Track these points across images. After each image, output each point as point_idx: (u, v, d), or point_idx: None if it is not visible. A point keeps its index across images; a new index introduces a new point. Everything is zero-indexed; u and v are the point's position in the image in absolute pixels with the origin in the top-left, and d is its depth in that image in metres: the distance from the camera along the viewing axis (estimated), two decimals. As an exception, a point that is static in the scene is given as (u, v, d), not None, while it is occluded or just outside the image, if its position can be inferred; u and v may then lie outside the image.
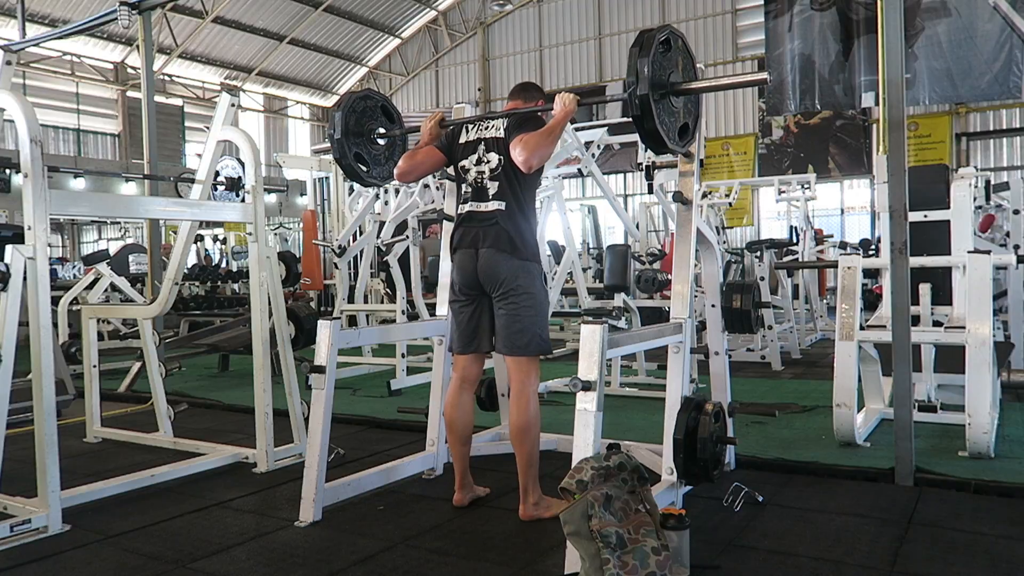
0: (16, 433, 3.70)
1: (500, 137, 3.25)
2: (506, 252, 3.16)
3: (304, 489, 3.24)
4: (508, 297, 3.18)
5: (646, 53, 2.77)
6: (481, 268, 3.20)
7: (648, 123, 2.82)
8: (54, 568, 2.80)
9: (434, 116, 3.48)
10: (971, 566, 2.61)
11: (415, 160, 3.40)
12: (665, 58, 2.87)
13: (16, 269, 3.06)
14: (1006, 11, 6.18)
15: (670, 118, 2.95)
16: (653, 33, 2.83)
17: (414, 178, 3.64)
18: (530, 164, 3.02)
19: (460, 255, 3.29)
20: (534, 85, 3.50)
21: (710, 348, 3.74)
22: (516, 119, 3.23)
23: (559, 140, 3.27)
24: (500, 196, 3.21)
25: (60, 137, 19.71)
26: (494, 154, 3.25)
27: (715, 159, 19.03)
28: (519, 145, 3.03)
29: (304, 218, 9.79)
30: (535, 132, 3.06)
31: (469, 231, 3.26)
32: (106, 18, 5.89)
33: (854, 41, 15.76)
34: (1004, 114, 16.79)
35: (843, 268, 4.24)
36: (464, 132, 3.39)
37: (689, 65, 3.07)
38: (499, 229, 3.18)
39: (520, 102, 3.38)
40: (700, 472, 3.07)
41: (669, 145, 2.93)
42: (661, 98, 2.86)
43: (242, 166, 4.61)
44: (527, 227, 3.24)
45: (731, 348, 5.95)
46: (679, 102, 3.02)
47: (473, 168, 3.29)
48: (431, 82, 24.13)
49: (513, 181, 3.21)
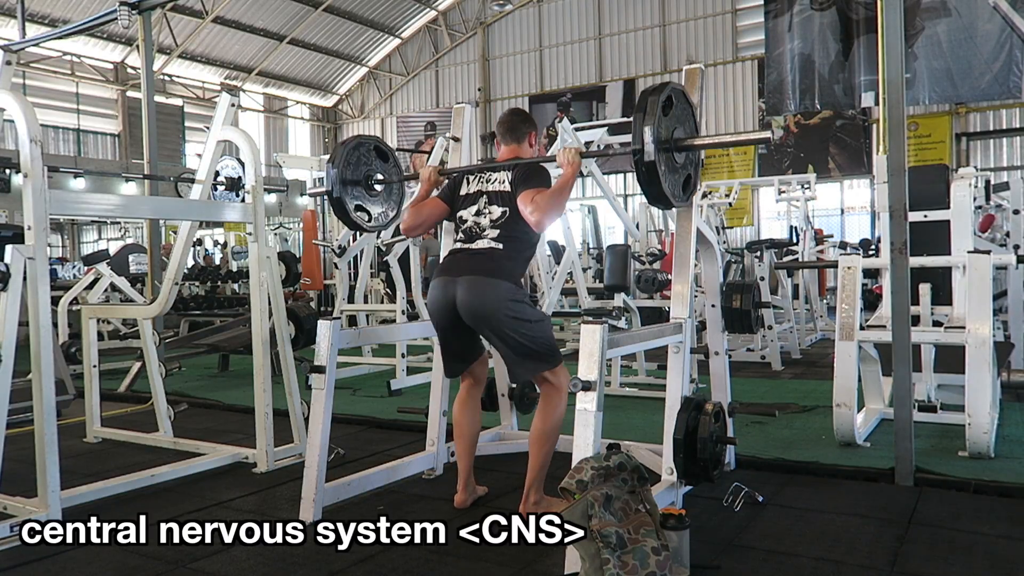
0: (16, 433, 3.69)
1: (506, 191, 3.21)
2: (490, 276, 3.07)
3: (304, 489, 3.24)
4: (502, 331, 3.09)
5: (651, 120, 2.71)
6: (462, 300, 3.09)
7: (655, 189, 2.81)
8: (54, 568, 2.81)
9: (432, 166, 3.49)
10: (971, 566, 2.62)
11: (422, 215, 3.40)
12: (667, 117, 2.84)
13: (16, 269, 3.06)
14: (1006, 11, 6.18)
15: (674, 175, 2.94)
16: (656, 97, 2.77)
17: (421, 232, 3.60)
18: (543, 225, 3.02)
19: (434, 284, 3.22)
20: (521, 116, 3.46)
21: (710, 348, 3.74)
22: (521, 172, 3.20)
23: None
24: (499, 240, 3.16)
25: (60, 137, 19.70)
26: (496, 207, 3.21)
27: (715, 159, 19.03)
28: (531, 204, 3.00)
29: (304, 218, 9.79)
30: (547, 192, 3.03)
31: (450, 263, 3.23)
32: (106, 18, 5.90)
33: (854, 41, 15.77)
34: (1004, 114, 16.78)
35: (843, 268, 4.24)
36: (465, 183, 3.37)
37: (690, 116, 3.04)
38: (485, 259, 3.12)
39: (515, 146, 3.36)
40: (700, 472, 3.07)
41: (675, 203, 2.92)
42: (667, 159, 2.85)
43: (242, 166, 4.61)
44: (517, 265, 3.18)
45: (731, 348, 5.93)
46: (682, 156, 3.00)
47: (471, 218, 3.26)
48: (431, 82, 24.13)
49: (517, 232, 3.17)
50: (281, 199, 17.45)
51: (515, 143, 3.37)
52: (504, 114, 3.47)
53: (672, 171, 2.91)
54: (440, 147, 7.30)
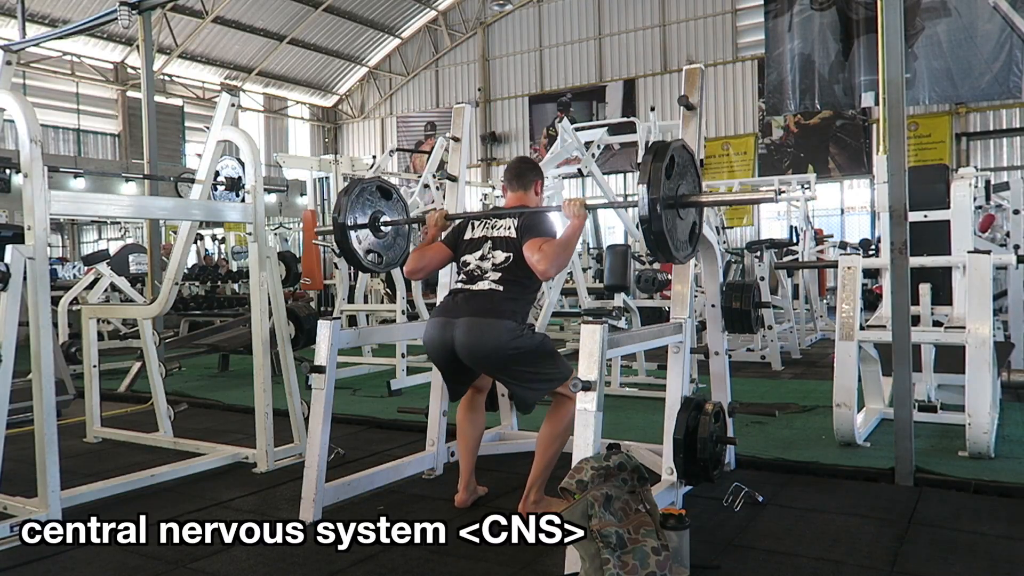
0: (16, 433, 3.69)
1: (512, 237, 3.22)
2: (490, 316, 3.06)
3: (304, 489, 3.24)
4: (507, 368, 3.10)
5: (656, 191, 2.69)
6: (461, 343, 3.09)
7: (664, 252, 2.82)
8: (54, 568, 2.81)
9: (438, 211, 3.52)
10: (971, 566, 2.62)
11: (425, 258, 3.41)
12: (671, 177, 2.84)
13: (16, 269, 3.06)
14: (1006, 11, 6.18)
15: (678, 231, 2.94)
16: (660, 163, 2.74)
17: (423, 276, 3.61)
18: (549, 274, 3.03)
19: (432, 323, 3.22)
20: (529, 165, 3.50)
21: (710, 348, 3.74)
22: (528, 220, 3.21)
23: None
24: (500, 283, 3.16)
25: (60, 137, 19.70)
26: (501, 252, 3.22)
27: (715, 159, 19.04)
28: (538, 253, 3.02)
29: (304, 218, 9.77)
30: (554, 243, 3.05)
31: (448, 303, 3.23)
32: (106, 18, 5.90)
33: (854, 41, 15.77)
34: (1004, 114, 16.78)
35: (843, 268, 4.24)
36: (470, 228, 3.38)
37: (693, 171, 3.05)
38: (484, 300, 3.12)
39: (521, 193, 3.39)
40: (700, 472, 3.07)
41: (678, 257, 2.93)
42: (671, 220, 2.86)
43: (242, 166, 4.61)
44: (519, 305, 3.17)
45: (731, 348, 5.93)
46: (686, 211, 3.01)
47: (474, 262, 3.26)
48: (431, 82, 24.13)
49: (519, 276, 3.17)
50: (281, 199, 17.45)
51: (521, 190, 3.40)
52: (512, 161, 3.52)
53: (675, 227, 2.93)
54: (440, 147, 7.32)
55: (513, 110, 22.62)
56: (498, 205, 12.15)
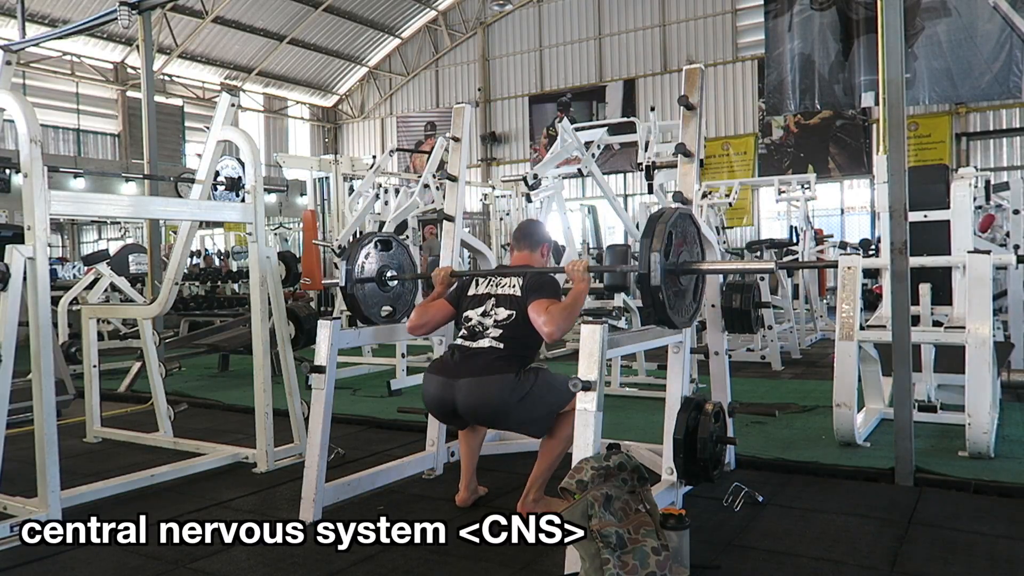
0: (16, 433, 3.69)
1: (516, 296, 3.23)
2: (490, 373, 3.06)
3: (304, 489, 3.24)
4: (517, 417, 3.11)
5: (658, 248, 2.71)
6: (465, 404, 3.11)
7: (664, 318, 2.84)
8: (54, 568, 2.81)
9: (445, 267, 3.56)
10: (971, 566, 2.62)
11: (427, 315, 3.43)
12: (672, 246, 2.86)
13: (16, 269, 3.06)
14: (1006, 11, 6.18)
15: (680, 299, 2.96)
16: (664, 228, 2.76)
17: (425, 333, 3.62)
18: (555, 337, 3.03)
19: (431, 379, 3.21)
20: (537, 227, 3.56)
21: (710, 348, 3.74)
22: (534, 280, 3.22)
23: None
24: (501, 340, 3.16)
25: (60, 137, 19.70)
26: (504, 309, 3.23)
27: (715, 159, 19.03)
28: (544, 314, 3.02)
29: (304, 218, 9.77)
30: (560, 306, 3.05)
31: (447, 361, 3.22)
32: (106, 18, 5.90)
33: (854, 41, 15.77)
34: (1004, 114, 16.78)
35: (843, 268, 4.24)
36: (474, 285, 3.40)
37: (695, 235, 3.06)
38: (483, 357, 3.11)
39: (527, 253, 3.43)
40: (700, 472, 3.07)
41: (678, 324, 2.94)
42: (674, 290, 2.89)
43: (242, 166, 4.61)
44: (518, 360, 3.16)
45: (731, 348, 5.91)
46: (687, 279, 3.02)
47: (476, 317, 3.27)
48: (431, 82, 24.14)
49: (520, 334, 3.17)
50: (281, 199, 17.45)
51: (528, 250, 3.45)
52: (523, 222, 3.60)
53: (677, 295, 2.94)
54: (440, 147, 7.31)
55: (513, 110, 22.62)
56: (498, 206, 12.17)
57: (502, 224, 12.03)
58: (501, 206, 12.16)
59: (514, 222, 12.03)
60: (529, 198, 6.20)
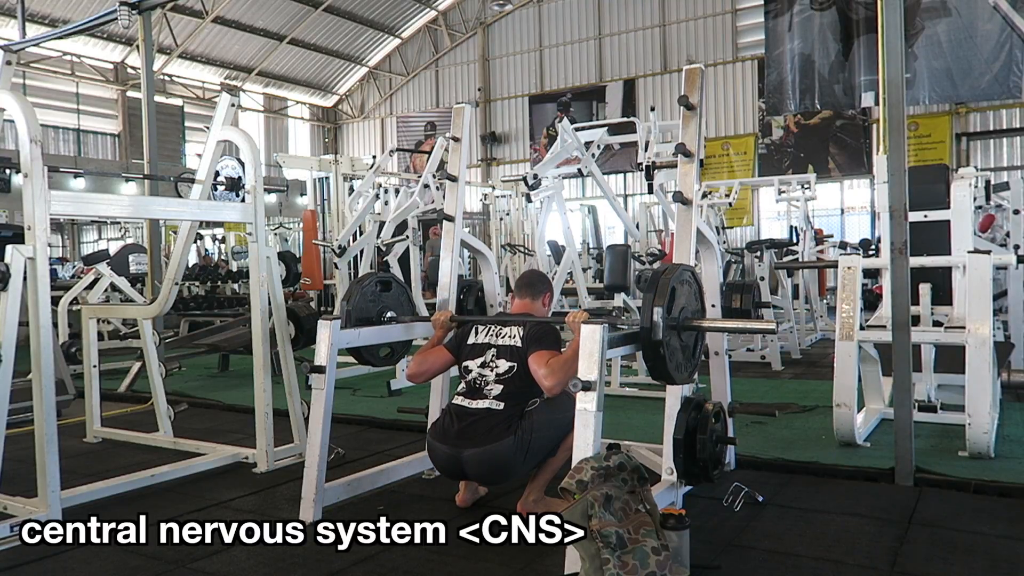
0: (16, 433, 3.69)
1: (517, 346, 3.23)
2: (494, 442, 3.05)
3: (304, 489, 3.24)
4: (528, 464, 3.12)
5: (661, 301, 2.74)
6: (476, 474, 3.15)
7: (662, 371, 2.88)
8: (54, 568, 2.81)
9: (445, 311, 3.57)
10: (971, 566, 2.62)
11: (426, 363, 3.45)
12: (674, 302, 2.88)
13: (16, 269, 3.06)
14: (1006, 11, 6.18)
15: (681, 354, 2.98)
16: (667, 283, 2.79)
17: (424, 380, 3.61)
18: (555, 391, 3.03)
19: (436, 446, 3.21)
20: (541, 277, 3.59)
21: (710, 348, 3.74)
22: (535, 331, 3.22)
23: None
24: (501, 398, 3.16)
25: (60, 137, 19.69)
26: (505, 361, 3.23)
27: (715, 159, 19.03)
28: (546, 367, 3.02)
29: (304, 218, 9.79)
30: (562, 359, 3.04)
31: (448, 426, 3.20)
32: (106, 18, 5.90)
33: (854, 41, 15.76)
34: (1004, 114, 16.78)
35: (843, 268, 4.24)
36: (474, 333, 3.40)
37: (696, 291, 3.08)
38: (484, 422, 3.11)
39: (528, 301, 3.45)
40: (700, 472, 3.07)
41: (677, 381, 2.96)
42: (677, 339, 2.93)
43: (242, 166, 4.61)
44: (518, 413, 3.15)
45: (731, 348, 5.92)
46: (688, 335, 3.03)
47: (476, 369, 3.27)
48: (431, 82, 24.13)
49: (520, 388, 3.17)
50: (281, 199, 17.45)
51: (530, 299, 3.47)
52: (526, 272, 3.61)
53: (679, 350, 2.96)
54: (440, 147, 7.31)
55: (513, 110, 22.62)
56: (498, 206, 12.17)
57: (502, 224, 12.03)
58: (501, 206, 12.16)
59: (514, 222, 12.05)
60: (529, 198, 6.22)
